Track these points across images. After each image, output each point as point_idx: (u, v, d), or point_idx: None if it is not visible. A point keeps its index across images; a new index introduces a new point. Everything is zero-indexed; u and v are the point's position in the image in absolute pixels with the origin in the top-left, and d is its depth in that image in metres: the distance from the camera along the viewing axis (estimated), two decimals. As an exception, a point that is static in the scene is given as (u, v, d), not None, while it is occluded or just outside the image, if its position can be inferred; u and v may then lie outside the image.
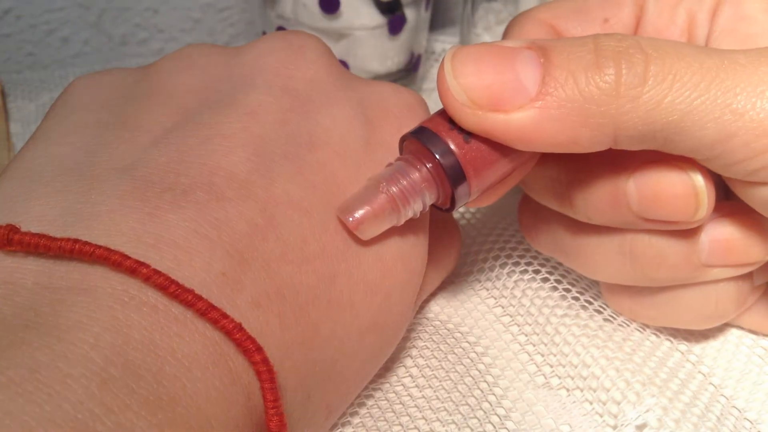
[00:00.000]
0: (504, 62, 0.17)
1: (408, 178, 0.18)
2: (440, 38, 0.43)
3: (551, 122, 0.16)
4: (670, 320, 0.23)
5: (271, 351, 0.15)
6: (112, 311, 0.14)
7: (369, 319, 0.18)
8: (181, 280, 0.14)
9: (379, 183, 0.18)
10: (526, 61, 0.16)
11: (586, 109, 0.16)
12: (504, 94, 0.16)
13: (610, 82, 0.16)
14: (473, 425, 0.21)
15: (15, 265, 0.14)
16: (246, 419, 0.15)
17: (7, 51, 0.43)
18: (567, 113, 0.16)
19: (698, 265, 0.20)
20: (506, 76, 0.16)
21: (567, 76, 0.16)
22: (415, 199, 0.18)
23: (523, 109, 0.16)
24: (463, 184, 0.17)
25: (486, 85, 0.16)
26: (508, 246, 0.26)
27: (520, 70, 0.16)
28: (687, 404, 0.21)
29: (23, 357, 0.12)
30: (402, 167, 0.18)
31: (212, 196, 0.16)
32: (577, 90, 0.16)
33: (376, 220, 0.18)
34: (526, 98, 0.16)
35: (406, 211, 0.18)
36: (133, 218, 0.15)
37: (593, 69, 0.16)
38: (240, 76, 0.20)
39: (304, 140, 0.19)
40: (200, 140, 0.17)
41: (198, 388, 0.14)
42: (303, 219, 0.17)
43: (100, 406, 0.12)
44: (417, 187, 0.18)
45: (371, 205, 0.17)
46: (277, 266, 0.16)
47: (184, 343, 0.14)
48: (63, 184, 0.16)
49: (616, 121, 0.16)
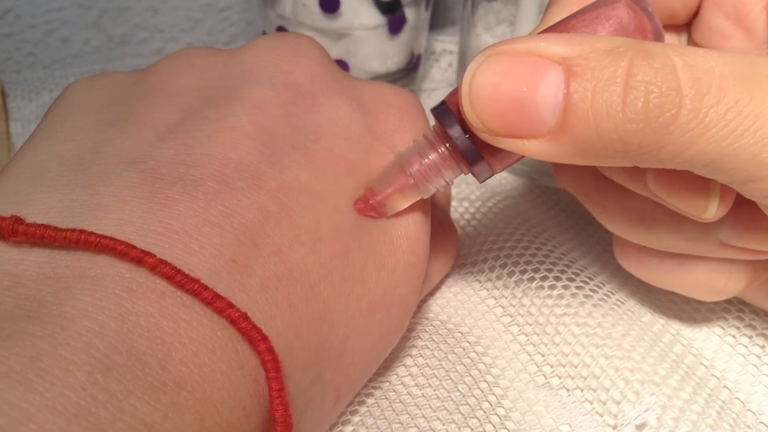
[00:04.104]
0: (527, 83, 0.15)
1: (428, 157, 0.18)
2: (440, 38, 0.43)
3: (567, 154, 0.16)
4: (674, 286, 0.22)
5: (280, 332, 0.16)
6: (118, 299, 0.14)
7: (378, 294, 0.18)
8: (190, 267, 0.15)
9: (401, 162, 0.18)
10: (549, 86, 0.15)
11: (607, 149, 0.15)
12: (520, 125, 0.16)
13: (634, 130, 0.15)
14: (473, 425, 0.21)
15: (20, 257, 0.14)
16: (253, 402, 0.15)
17: (7, 51, 0.43)
18: (584, 152, 0.16)
19: (716, 242, 0.20)
20: (524, 106, 0.15)
21: (588, 115, 0.15)
22: (436, 177, 0.18)
23: (539, 139, 0.16)
24: (480, 163, 0.18)
25: (502, 114, 0.16)
26: (507, 246, 0.27)
27: (540, 97, 0.15)
28: (686, 401, 0.21)
29: (24, 346, 0.12)
30: (423, 146, 0.18)
31: (223, 186, 0.16)
32: (597, 135, 0.15)
33: (400, 197, 0.19)
34: (543, 130, 0.15)
35: (428, 188, 0.19)
36: (143, 208, 0.15)
37: (618, 112, 0.15)
38: (240, 73, 0.20)
39: (310, 131, 0.19)
40: (207, 134, 0.17)
41: (204, 372, 0.14)
42: (315, 203, 0.17)
43: (103, 392, 0.12)
44: (437, 167, 0.18)
45: (394, 184, 0.18)
46: (289, 249, 0.16)
47: (192, 328, 0.14)
48: (69, 178, 0.16)
49: (636, 161, 0.16)
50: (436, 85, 0.41)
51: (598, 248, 0.28)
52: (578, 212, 0.30)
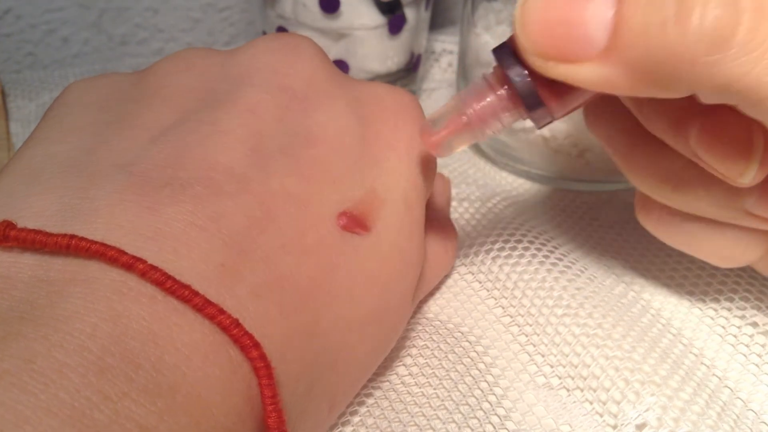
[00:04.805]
0: (575, 6, 0.15)
1: (486, 99, 0.17)
2: (440, 38, 0.43)
3: (620, 79, 0.15)
4: (690, 249, 0.22)
5: (273, 340, 0.15)
6: (109, 302, 0.14)
7: (369, 310, 0.18)
8: (180, 272, 0.15)
9: (458, 103, 0.18)
10: (599, 3, 0.15)
11: (659, 71, 0.15)
12: (570, 46, 0.15)
13: (689, 44, 0.14)
14: (473, 425, 0.21)
15: (12, 260, 0.14)
16: (247, 408, 0.15)
17: (7, 51, 0.43)
18: (638, 73, 0.15)
19: (741, 210, 0.19)
20: (574, 26, 0.15)
21: (641, 31, 0.14)
22: (493, 120, 0.18)
23: (591, 62, 0.15)
24: (540, 108, 0.17)
25: (552, 35, 0.15)
26: (507, 246, 0.27)
27: (590, 18, 0.15)
28: (687, 401, 0.21)
29: (18, 348, 0.12)
30: (481, 87, 0.18)
31: (210, 191, 0.16)
32: (649, 50, 0.14)
33: (455, 138, 0.18)
34: (593, 51, 0.15)
35: (484, 131, 0.18)
36: (132, 212, 0.15)
37: (673, 26, 0.14)
38: (237, 75, 0.20)
39: (301, 136, 0.19)
40: (199, 137, 0.17)
41: (198, 376, 0.14)
42: (300, 211, 0.17)
43: (98, 395, 0.12)
44: (494, 110, 0.17)
45: (450, 125, 0.18)
46: (277, 257, 0.16)
47: (184, 332, 0.14)
48: (61, 181, 0.16)
49: (691, 84, 0.15)
50: (436, 85, 0.41)
51: (599, 249, 0.28)
52: (579, 213, 0.30)
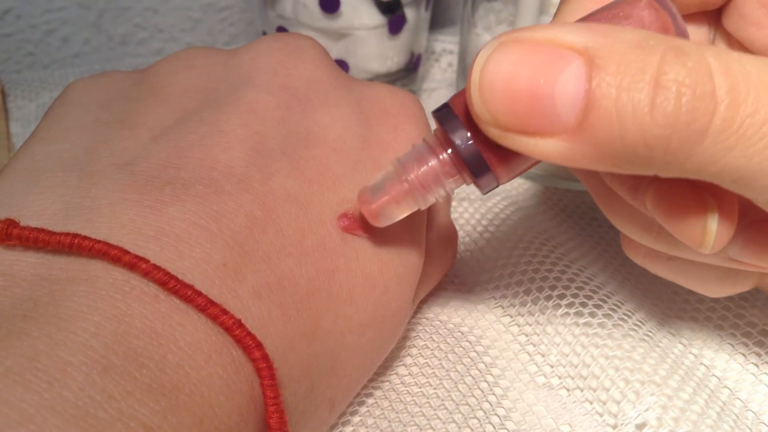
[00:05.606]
0: (544, 75, 0.14)
1: (427, 164, 0.16)
2: (440, 38, 0.43)
3: (584, 156, 0.14)
4: (679, 282, 0.22)
5: (274, 341, 0.16)
6: (113, 301, 0.14)
7: (369, 313, 0.18)
8: (182, 271, 0.15)
9: (398, 168, 0.17)
10: (569, 80, 0.13)
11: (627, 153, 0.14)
12: (535, 121, 0.14)
13: (661, 136, 0.13)
14: (473, 425, 0.21)
15: (14, 258, 0.14)
16: (250, 408, 0.15)
17: (7, 51, 0.43)
18: (604, 154, 0.14)
19: (725, 256, 0.19)
20: (541, 100, 0.14)
21: (612, 115, 0.13)
22: (435, 186, 0.16)
23: (554, 138, 0.14)
24: (486, 175, 0.16)
25: (515, 107, 0.14)
26: (507, 246, 0.27)
27: (559, 91, 0.13)
28: (687, 401, 0.21)
29: (22, 346, 0.12)
30: (422, 152, 0.16)
31: (211, 190, 0.16)
32: (620, 137, 0.13)
33: (395, 207, 0.17)
34: (560, 128, 0.14)
35: (426, 198, 0.17)
36: (134, 211, 0.15)
37: (645, 114, 0.13)
38: (239, 76, 0.20)
39: (302, 137, 0.19)
40: (199, 136, 0.17)
41: (201, 376, 0.14)
42: (300, 213, 0.17)
43: (102, 393, 0.12)
44: (437, 175, 0.16)
45: (390, 192, 0.17)
46: (278, 258, 0.16)
47: (187, 332, 0.14)
48: (63, 179, 0.16)
49: (661, 168, 0.14)
50: (436, 85, 0.41)
51: (598, 248, 0.28)
52: (579, 213, 0.30)
